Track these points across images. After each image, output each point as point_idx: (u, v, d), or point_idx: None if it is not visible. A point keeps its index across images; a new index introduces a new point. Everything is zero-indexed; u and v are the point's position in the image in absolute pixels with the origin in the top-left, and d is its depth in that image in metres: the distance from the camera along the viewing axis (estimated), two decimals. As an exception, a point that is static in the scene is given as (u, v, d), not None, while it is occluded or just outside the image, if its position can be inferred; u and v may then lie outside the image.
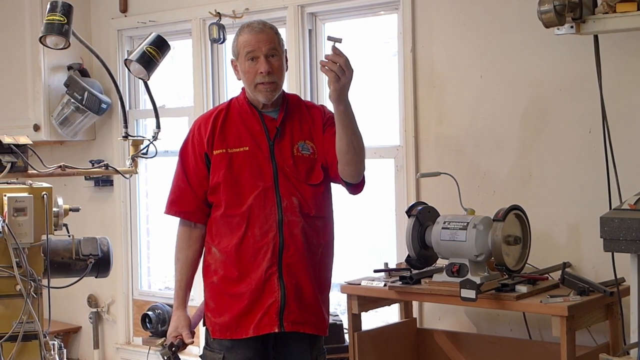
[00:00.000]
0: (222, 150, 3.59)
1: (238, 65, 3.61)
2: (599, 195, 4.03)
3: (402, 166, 4.94)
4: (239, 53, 3.58)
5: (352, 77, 3.36)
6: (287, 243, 3.52)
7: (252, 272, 3.52)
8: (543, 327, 4.36)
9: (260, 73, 3.53)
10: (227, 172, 3.56)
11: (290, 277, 3.52)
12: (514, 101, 4.55)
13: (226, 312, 3.56)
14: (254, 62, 3.54)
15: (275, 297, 3.50)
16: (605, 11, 3.68)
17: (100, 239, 3.84)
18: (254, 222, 3.52)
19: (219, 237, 3.60)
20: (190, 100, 6.03)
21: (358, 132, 3.49)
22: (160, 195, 6.42)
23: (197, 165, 3.63)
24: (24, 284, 3.47)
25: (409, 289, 4.10)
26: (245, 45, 3.56)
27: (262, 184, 3.54)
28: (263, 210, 3.53)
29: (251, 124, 3.61)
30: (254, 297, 3.51)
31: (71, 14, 3.74)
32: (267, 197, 3.53)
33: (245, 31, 3.59)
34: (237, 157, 3.57)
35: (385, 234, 5.21)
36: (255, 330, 3.51)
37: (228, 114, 3.65)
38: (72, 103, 6.09)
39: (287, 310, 3.51)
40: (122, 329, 6.51)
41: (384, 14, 5.17)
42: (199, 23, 5.83)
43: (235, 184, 3.56)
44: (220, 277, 3.59)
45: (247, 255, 3.52)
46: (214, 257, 3.62)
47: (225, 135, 3.61)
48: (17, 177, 3.65)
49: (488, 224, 3.92)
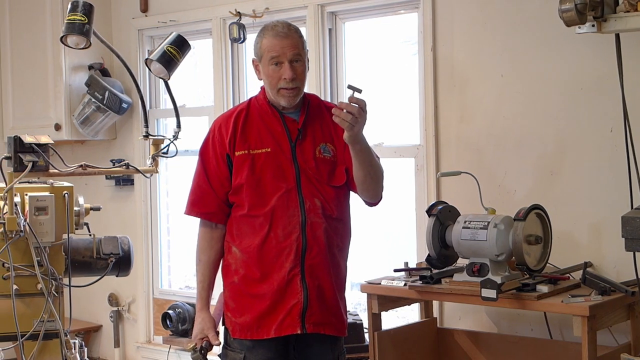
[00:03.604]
0: (244, 152, 3.58)
1: (260, 66, 3.60)
2: (620, 195, 4.01)
3: (422, 165, 4.93)
4: (262, 56, 3.56)
5: (365, 121, 3.34)
6: (310, 244, 3.52)
7: (274, 272, 3.52)
8: (564, 327, 4.34)
9: (283, 79, 3.52)
10: (250, 174, 3.56)
11: (312, 279, 3.53)
12: (535, 100, 4.53)
13: (247, 312, 3.57)
14: (277, 66, 3.53)
15: (298, 299, 3.51)
16: (626, 10, 3.66)
17: (121, 238, 3.85)
18: (277, 222, 3.52)
19: (241, 236, 3.59)
20: (210, 100, 6.04)
21: (375, 163, 3.54)
22: (180, 194, 6.43)
23: (219, 166, 3.62)
24: (45, 283, 3.49)
25: (429, 289, 4.09)
26: (270, 50, 3.54)
27: (284, 186, 3.54)
28: (286, 212, 3.53)
29: (272, 125, 3.60)
30: (276, 297, 3.52)
31: (92, 14, 3.75)
32: (290, 198, 3.54)
33: (270, 34, 3.55)
34: (259, 158, 3.57)
35: (406, 233, 5.20)
36: (277, 332, 3.52)
37: (248, 115, 3.64)
38: (93, 102, 6.12)
39: (309, 311, 3.52)
40: (142, 327, 6.53)
41: (404, 13, 5.16)
42: (219, 22, 5.84)
43: (258, 185, 3.55)
44: (241, 276, 3.59)
45: (270, 256, 3.53)
46: (234, 257, 3.61)
47: (247, 136, 3.60)
48: (39, 176, 3.66)
49: (509, 224, 3.90)
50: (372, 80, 5.38)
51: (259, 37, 3.61)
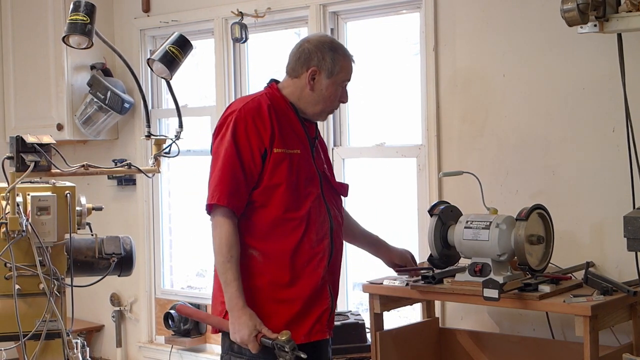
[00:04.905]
0: (282, 150, 3.42)
1: (322, 81, 3.48)
2: (622, 195, 4.01)
3: (424, 165, 4.93)
4: (336, 74, 3.48)
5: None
6: (336, 251, 3.53)
7: (304, 277, 3.44)
8: (566, 327, 4.34)
9: (340, 101, 3.54)
10: (289, 174, 3.42)
11: (334, 285, 3.55)
12: (537, 100, 4.53)
13: (272, 318, 3.40)
14: (342, 89, 3.53)
15: (328, 305, 3.49)
16: (628, 10, 3.66)
17: (123, 237, 3.86)
18: (312, 227, 3.44)
19: (266, 239, 3.43)
20: (212, 100, 6.04)
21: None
22: (182, 194, 6.45)
23: (254, 158, 3.39)
24: (47, 283, 3.49)
25: (431, 289, 4.08)
26: (348, 73, 3.52)
27: (315, 191, 3.49)
28: (319, 217, 3.47)
29: (296, 127, 3.52)
30: (307, 303, 3.44)
31: (94, 14, 3.75)
32: (320, 203, 3.49)
33: (349, 57, 3.54)
34: (294, 158, 3.46)
35: (408, 233, 5.20)
36: (307, 337, 3.43)
37: (276, 112, 3.48)
38: (95, 102, 6.12)
39: (332, 316, 3.54)
40: (144, 327, 6.53)
41: (406, 13, 5.16)
42: (221, 22, 5.84)
43: (295, 187, 3.43)
44: (266, 282, 3.43)
45: (302, 261, 3.43)
46: (254, 260, 3.43)
47: (283, 134, 3.45)
48: (41, 176, 3.67)
49: (511, 223, 3.90)
50: (374, 80, 5.39)
51: (334, 53, 3.49)
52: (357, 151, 5.35)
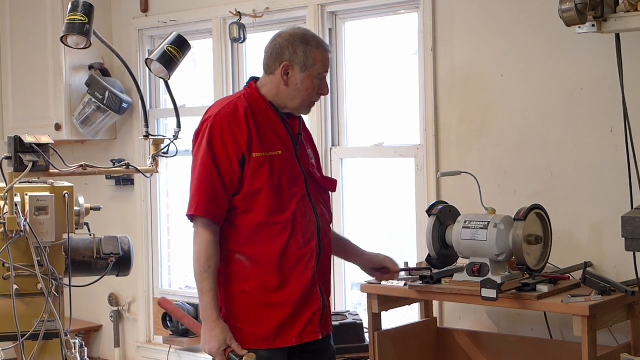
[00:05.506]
0: (262, 154, 3.36)
1: (296, 75, 3.40)
2: (620, 195, 4.01)
3: (422, 165, 4.93)
4: (311, 67, 3.40)
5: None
6: (324, 251, 3.48)
7: (293, 280, 3.40)
8: (564, 327, 4.34)
9: (319, 94, 3.46)
10: (270, 177, 3.36)
11: (324, 284, 3.50)
12: (535, 100, 4.53)
13: (262, 322, 3.39)
14: (319, 81, 3.43)
15: (319, 305, 3.44)
16: (627, 10, 3.66)
17: (121, 237, 3.86)
18: (298, 229, 3.39)
19: (251, 244, 3.39)
20: (210, 100, 6.03)
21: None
22: (180, 194, 6.44)
23: (232, 165, 3.34)
24: (46, 283, 3.50)
25: (429, 289, 4.09)
26: (322, 65, 3.41)
27: (299, 191, 3.43)
28: (304, 218, 3.41)
29: (277, 127, 3.44)
30: (297, 306, 3.40)
31: (92, 14, 3.76)
32: (305, 204, 3.43)
33: (322, 49, 3.42)
34: (275, 160, 3.39)
35: (406, 233, 5.20)
36: (298, 339, 3.41)
37: (254, 113, 3.42)
38: (93, 102, 6.12)
39: (325, 316, 3.48)
40: (143, 327, 6.53)
41: (404, 13, 5.16)
42: (219, 22, 5.84)
43: (278, 190, 3.38)
44: (254, 286, 3.39)
45: (289, 264, 3.39)
46: (240, 266, 3.40)
47: (261, 137, 3.38)
48: (39, 176, 3.68)
49: (509, 224, 3.90)
50: (372, 80, 5.39)
51: (306, 46, 3.40)
52: (355, 151, 5.35)
